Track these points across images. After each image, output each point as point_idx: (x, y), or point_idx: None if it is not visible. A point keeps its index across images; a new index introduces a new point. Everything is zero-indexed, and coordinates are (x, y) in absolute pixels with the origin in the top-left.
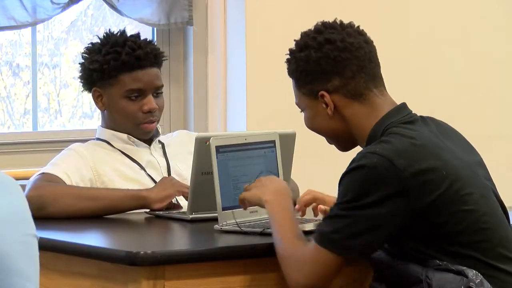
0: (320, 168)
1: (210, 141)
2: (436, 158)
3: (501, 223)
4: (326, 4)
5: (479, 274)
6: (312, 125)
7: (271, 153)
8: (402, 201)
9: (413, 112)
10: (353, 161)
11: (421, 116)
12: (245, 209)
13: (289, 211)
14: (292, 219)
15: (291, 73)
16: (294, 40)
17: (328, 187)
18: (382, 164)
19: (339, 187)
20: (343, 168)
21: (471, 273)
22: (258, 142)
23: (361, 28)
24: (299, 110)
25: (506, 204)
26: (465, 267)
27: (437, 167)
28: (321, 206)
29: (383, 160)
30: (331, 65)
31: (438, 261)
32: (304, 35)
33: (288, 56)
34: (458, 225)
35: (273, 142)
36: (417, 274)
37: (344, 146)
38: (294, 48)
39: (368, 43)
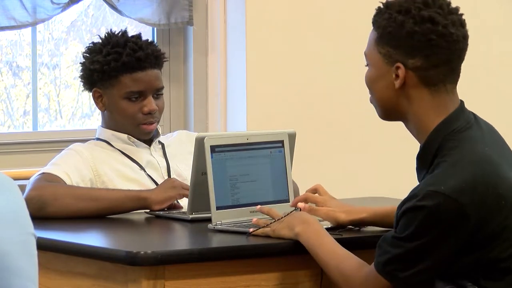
0: (320, 168)
1: (205, 140)
2: (495, 187)
3: None
4: (326, 4)
5: None
6: (371, 84)
7: (278, 153)
8: (462, 236)
9: (468, 110)
10: (415, 196)
11: (474, 116)
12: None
13: (325, 235)
14: (331, 242)
15: (377, 25)
16: None
17: (327, 187)
18: (447, 204)
19: (399, 218)
20: (342, 168)
21: None
22: (263, 142)
23: (464, 18)
24: (365, 63)
25: None
26: (469, 284)
27: (498, 196)
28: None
29: (448, 200)
30: (423, 45)
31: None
32: (411, 0)
33: (382, 6)
34: (502, 253)
35: (281, 142)
36: None
37: (386, 116)
38: (394, 4)
39: (465, 38)
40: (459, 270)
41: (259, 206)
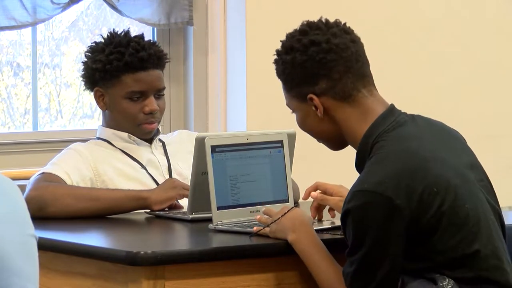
0: (320, 168)
1: (205, 140)
2: (425, 175)
3: (492, 233)
4: (326, 4)
5: (451, 280)
6: (304, 126)
7: (278, 153)
8: (401, 229)
9: (402, 112)
10: (345, 201)
11: (411, 116)
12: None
13: (318, 245)
14: (324, 255)
15: (279, 75)
16: (280, 41)
17: None
18: (373, 200)
19: (343, 229)
20: (342, 168)
21: (445, 282)
22: (263, 142)
23: (347, 25)
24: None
25: (506, 204)
26: (438, 275)
27: (427, 185)
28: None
29: (373, 196)
30: (317, 67)
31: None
32: (290, 36)
33: (275, 57)
34: (451, 240)
35: (281, 142)
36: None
37: (335, 146)
38: (280, 50)
39: (355, 41)
40: (421, 265)
41: (263, 209)
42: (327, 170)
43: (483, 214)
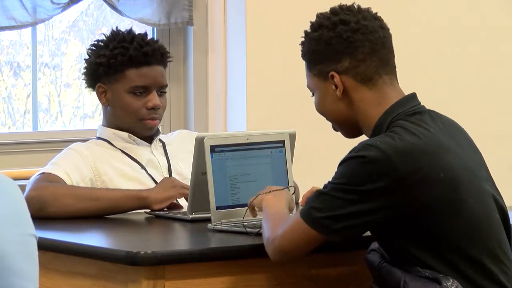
0: (320, 168)
1: (204, 140)
2: (436, 160)
3: (496, 231)
4: (327, 5)
5: (455, 281)
6: (321, 107)
7: (279, 153)
8: (392, 197)
9: (421, 104)
10: (353, 150)
11: (428, 109)
12: (254, 216)
13: (283, 203)
14: (284, 208)
15: (304, 54)
16: (310, 22)
17: None
18: (379, 157)
19: (336, 172)
20: None
21: (449, 282)
22: (263, 142)
23: (377, 15)
24: (310, 94)
25: (506, 204)
26: (441, 275)
27: (435, 169)
28: None
29: (381, 154)
30: (343, 45)
31: (419, 268)
32: (320, 15)
33: (302, 39)
34: (454, 231)
35: (282, 142)
36: (398, 279)
37: (349, 132)
38: (309, 29)
39: (384, 28)
40: (425, 253)
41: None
42: (327, 170)
43: (488, 212)
